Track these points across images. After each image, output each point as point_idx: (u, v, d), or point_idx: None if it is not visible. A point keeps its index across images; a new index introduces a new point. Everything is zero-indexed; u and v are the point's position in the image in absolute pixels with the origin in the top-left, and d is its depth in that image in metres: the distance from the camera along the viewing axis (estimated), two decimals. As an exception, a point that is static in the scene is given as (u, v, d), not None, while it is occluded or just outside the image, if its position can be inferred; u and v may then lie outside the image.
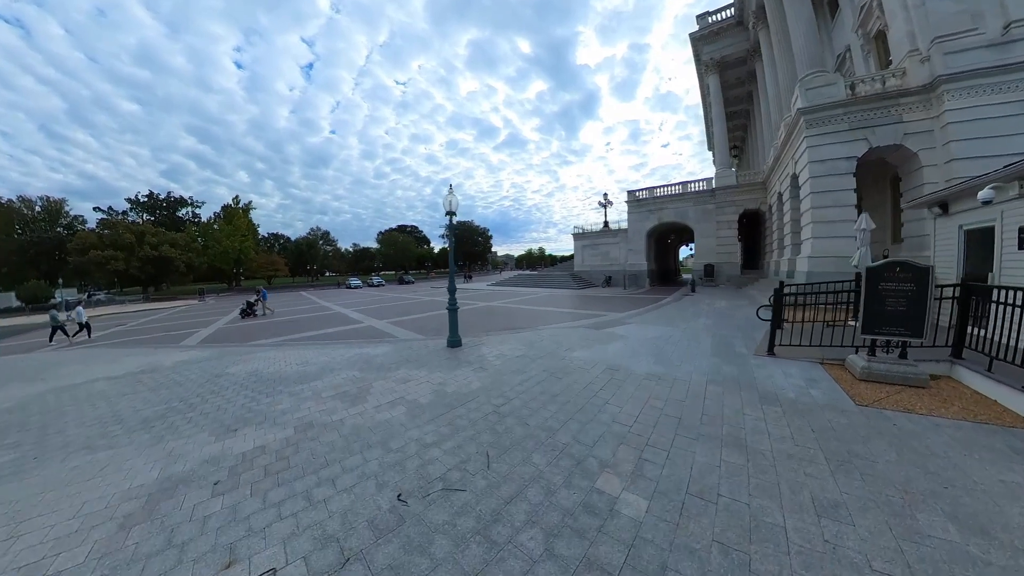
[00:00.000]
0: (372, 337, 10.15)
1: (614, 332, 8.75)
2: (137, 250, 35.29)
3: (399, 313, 15.42)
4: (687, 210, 23.97)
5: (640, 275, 25.41)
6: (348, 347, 8.66)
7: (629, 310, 13.04)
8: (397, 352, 7.73)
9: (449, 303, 7.98)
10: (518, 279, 32.90)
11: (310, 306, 21.76)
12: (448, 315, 7.95)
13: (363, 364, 6.92)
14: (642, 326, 9.52)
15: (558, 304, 16.16)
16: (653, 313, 11.88)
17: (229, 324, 15.52)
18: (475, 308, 16.03)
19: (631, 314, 11.85)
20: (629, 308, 13.68)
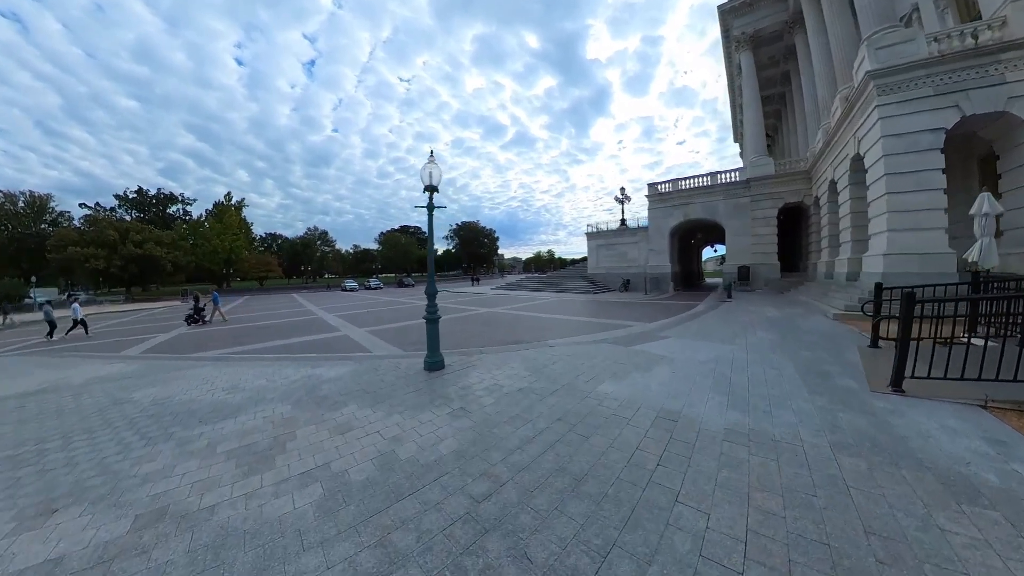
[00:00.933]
0: (340, 351, 8.49)
1: (650, 351, 6.91)
2: (120, 248, 34.57)
3: (385, 320, 13.79)
4: (717, 205, 21.97)
5: (663, 278, 23.42)
6: (299, 366, 6.99)
7: (659, 319, 11.15)
8: (356, 376, 6.01)
9: (428, 311, 6.25)
10: (526, 283, 31.13)
11: (291, 310, 20.29)
12: (426, 328, 6.22)
13: (304, 394, 5.22)
14: (686, 342, 7.65)
15: (571, 311, 14.34)
16: (692, 324, 9.98)
17: (193, 329, 14.05)
18: (474, 315, 14.31)
19: (664, 325, 9.98)
20: (659, 316, 11.79)
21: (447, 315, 14.27)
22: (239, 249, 44.72)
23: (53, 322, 13.51)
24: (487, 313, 14.66)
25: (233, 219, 45.10)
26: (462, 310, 16.19)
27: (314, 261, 70.03)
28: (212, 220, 45.37)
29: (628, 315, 12.43)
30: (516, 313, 14.16)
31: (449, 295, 28.73)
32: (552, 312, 14.07)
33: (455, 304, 19.58)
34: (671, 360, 6.05)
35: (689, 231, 27.43)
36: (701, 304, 14.73)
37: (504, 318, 12.93)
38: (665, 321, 10.67)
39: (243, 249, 45.45)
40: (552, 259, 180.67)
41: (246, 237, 51.05)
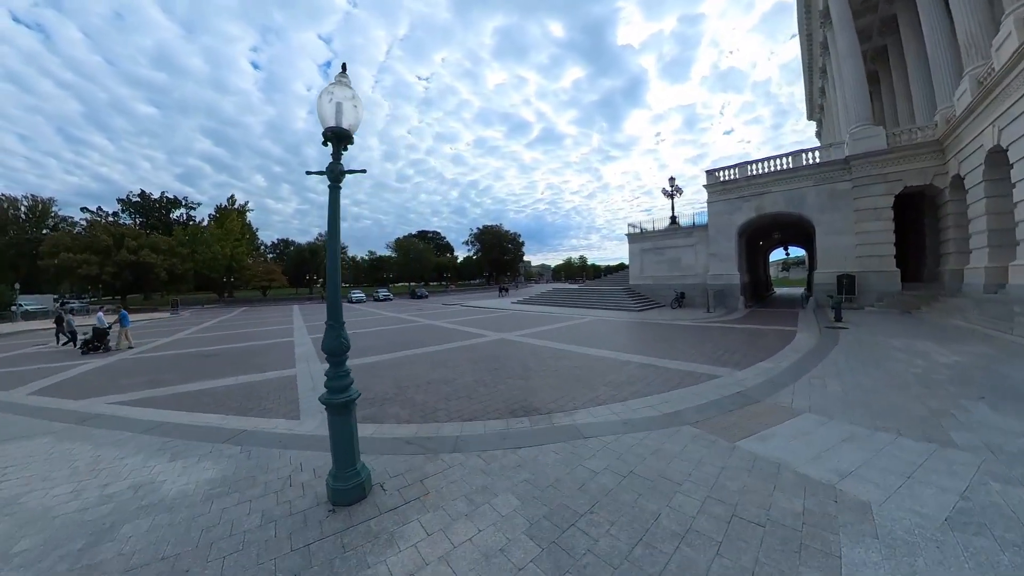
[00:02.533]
0: (256, 413, 5.94)
1: (787, 461, 3.81)
2: (114, 254, 34.94)
3: (366, 348, 11.27)
4: (803, 193, 18.12)
5: (729, 291, 19.68)
6: (147, 457, 4.42)
7: (751, 361, 7.87)
8: (194, 511, 3.30)
9: (329, 381, 3.48)
10: (554, 295, 28.09)
11: (268, 329, 18.36)
12: (329, 425, 3.43)
13: (58, 560, 2.51)
14: (837, 428, 4.45)
15: (614, 340, 11.24)
16: (817, 377, 6.68)
17: (91, 361, 12.09)
18: (477, 346, 11.52)
19: (767, 377, 6.75)
20: (748, 355, 8.46)
21: (440, 344, 11.56)
22: (241, 256, 44.76)
23: (75, 332, 14.33)
24: (496, 343, 11.82)
25: (235, 224, 45.35)
26: (466, 335, 13.46)
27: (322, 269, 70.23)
28: (213, 225, 45.81)
29: (700, 351, 9.15)
30: (536, 344, 11.20)
31: (460, 312, 26.19)
32: (587, 343, 11.00)
33: (459, 325, 16.91)
34: (858, 504, 2.87)
35: (761, 230, 23.48)
36: (801, 332, 11.16)
37: (517, 353, 9.99)
38: (764, 366, 7.38)
39: (245, 256, 45.46)
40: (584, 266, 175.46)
41: (250, 243, 51.44)
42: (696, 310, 19.61)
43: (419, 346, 11.22)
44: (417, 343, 11.78)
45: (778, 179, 18.89)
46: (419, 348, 10.84)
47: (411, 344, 11.67)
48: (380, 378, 7.69)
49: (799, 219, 19.22)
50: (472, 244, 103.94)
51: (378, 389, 6.90)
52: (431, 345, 11.30)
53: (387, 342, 12.31)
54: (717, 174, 21.16)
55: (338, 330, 3.38)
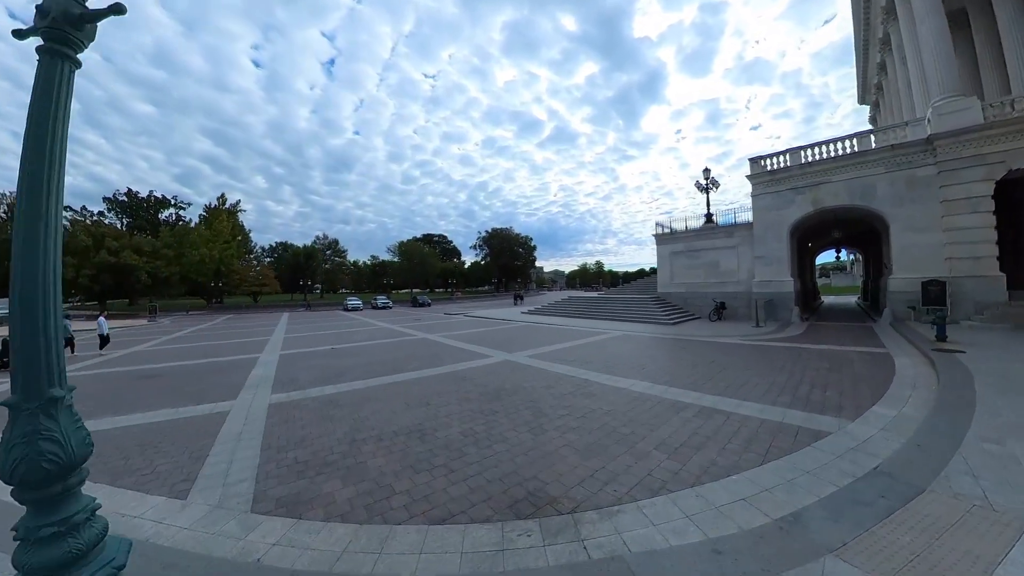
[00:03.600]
0: (120, 485, 4.12)
1: None
2: (92, 255, 34.28)
3: (342, 371, 9.54)
4: (873, 182, 15.89)
5: (781, 301, 17.47)
6: None
7: (865, 403, 5.88)
8: None
9: (15, 482, 1.55)
10: (570, 305, 26.11)
11: (243, 341, 16.81)
12: None
13: None
14: None
15: (654, 367, 9.29)
16: (999, 430, 4.63)
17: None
18: (476, 372, 9.70)
19: (906, 428, 4.81)
20: (857, 395, 6.44)
21: (429, 367, 9.74)
22: (230, 259, 43.94)
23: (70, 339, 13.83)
24: (499, 368, 9.97)
25: (224, 225, 44.64)
26: (463, 355, 11.65)
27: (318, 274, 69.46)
28: (200, 226, 45.15)
29: (773, 383, 7.13)
30: (551, 370, 9.28)
31: (463, 323, 24.42)
32: (617, 369, 9.06)
33: (459, 340, 15.12)
34: None
35: (816, 228, 21.16)
36: (899, 356, 9.02)
37: (525, 384, 8.11)
38: (882, 412, 5.42)
39: (234, 259, 44.63)
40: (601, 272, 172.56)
41: (242, 246, 50.78)
42: (740, 323, 17.43)
43: (402, 370, 9.39)
44: (401, 366, 9.95)
45: (839, 166, 16.68)
46: (401, 373, 9.01)
47: (393, 367, 9.85)
48: (333, 422, 5.88)
49: (866, 214, 16.94)
50: (480, 248, 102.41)
51: (322, 443, 5.08)
52: (417, 369, 9.46)
53: (365, 363, 10.53)
54: (763, 162, 19.04)
55: (42, 420, 1.53)
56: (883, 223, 16.46)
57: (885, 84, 24.71)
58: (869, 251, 27.52)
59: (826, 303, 31.25)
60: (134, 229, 46.40)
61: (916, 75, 17.23)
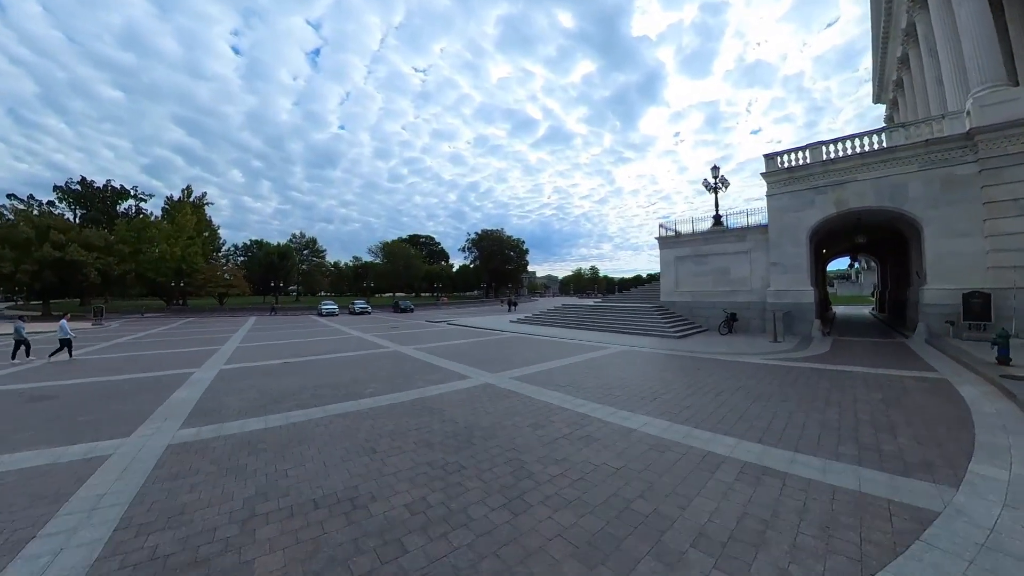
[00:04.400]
0: None
1: None
2: (34, 249, 32.01)
3: (266, 403, 8.04)
4: (904, 181, 14.89)
5: (799, 313, 16.36)
6: None
7: (957, 457, 4.62)
8: None
9: None
10: (564, 313, 24.80)
11: (188, 351, 15.15)
12: None
13: None
14: None
15: (669, 397, 7.99)
16: None
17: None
18: (446, 400, 8.32)
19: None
20: (938, 443, 5.20)
21: (390, 392, 8.31)
22: (193, 257, 41.75)
23: (23, 341, 13.43)
24: (477, 394, 8.60)
25: (188, 219, 42.42)
26: (436, 376, 10.25)
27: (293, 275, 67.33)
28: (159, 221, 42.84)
29: (823, 423, 5.88)
30: (540, 399, 7.93)
31: (445, 333, 23.03)
32: (625, 399, 7.77)
33: (435, 355, 13.75)
34: None
35: (837, 232, 20.19)
36: (961, 385, 7.82)
37: (507, 419, 6.76)
38: (991, 475, 4.16)
39: (198, 257, 42.46)
40: (596, 278, 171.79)
41: (209, 243, 48.62)
42: (754, 337, 16.28)
43: (358, 395, 7.92)
44: (358, 389, 8.47)
45: (865, 163, 15.67)
46: (355, 401, 7.54)
47: (349, 391, 8.38)
48: (239, 479, 4.42)
49: (894, 217, 15.94)
50: (469, 251, 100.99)
51: (207, 519, 3.65)
52: (377, 395, 8.00)
53: (316, 384, 9.03)
54: (780, 159, 18.00)
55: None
56: (914, 227, 15.46)
57: (906, 79, 24.03)
58: (887, 259, 26.77)
59: (841, 312, 30.48)
60: (88, 222, 43.93)
61: (949, 66, 16.35)
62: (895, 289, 23.81)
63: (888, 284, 26.35)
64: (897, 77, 25.60)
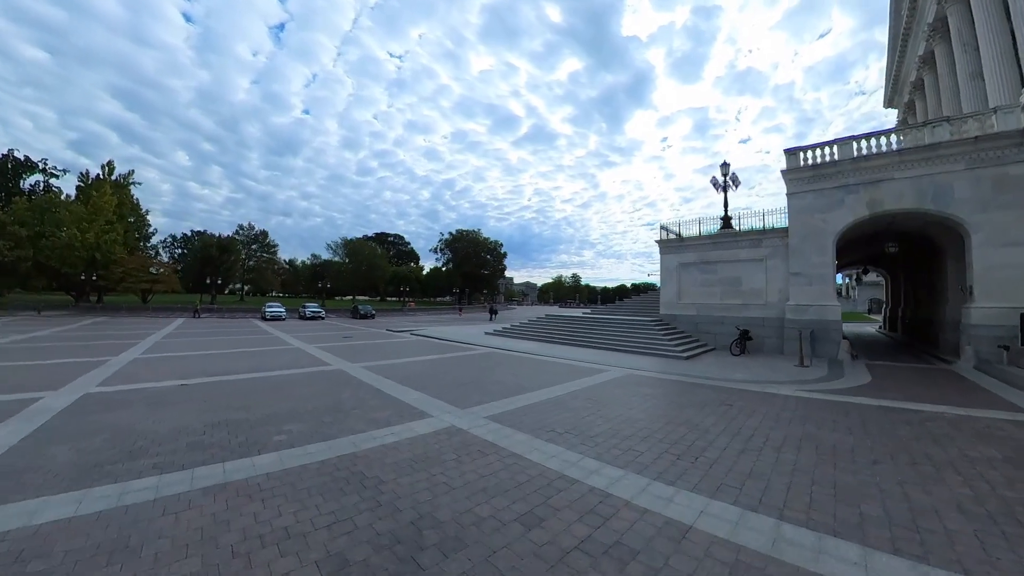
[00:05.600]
0: None
1: None
2: (-102, 233, 27.60)
3: (129, 454, 5.69)
4: (948, 181, 13.84)
5: (824, 331, 15.03)
6: None
7: None
8: None
9: None
10: (548, 325, 22.92)
11: (54, 363, 12.39)
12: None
13: None
14: None
15: (722, 463, 6.11)
16: None
17: None
18: (385, 456, 6.17)
19: None
20: None
21: (309, 443, 6.09)
22: (110, 245, 37.50)
23: None
24: (434, 449, 6.57)
25: (108, 201, 38.13)
26: (381, 416, 8.13)
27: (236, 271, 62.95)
28: (69, 202, 38.34)
29: (934, 504, 4.07)
30: (528, 460, 5.97)
31: (406, 346, 20.89)
32: (648, 457, 5.95)
33: (388, 377, 11.60)
34: None
35: (866, 238, 19.12)
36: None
37: (482, 519, 4.73)
38: None
39: (116, 245, 38.13)
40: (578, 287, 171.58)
41: (135, 230, 44.25)
42: (771, 359, 14.88)
43: (258, 446, 5.69)
44: (260, 437, 6.20)
45: (904, 160, 14.54)
46: (250, 457, 5.32)
47: (247, 438, 6.11)
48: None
49: (936, 221, 14.87)
50: (442, 252, 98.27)
51: None
52: (285, 446, 5.80)
53: (206, 423, 6.72)
54: (803, 155, 16.79)
55: None
56: (955, 234, 14.43)
57: (928, 79, 23.63)
58: (899, 273, 26.27)
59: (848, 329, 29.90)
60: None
61: (992, 59, 15.58)
62: (914, 306, 23.14)
63: (903, 300, 25.77)
64: (916, 77, 25.27)
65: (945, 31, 20.32)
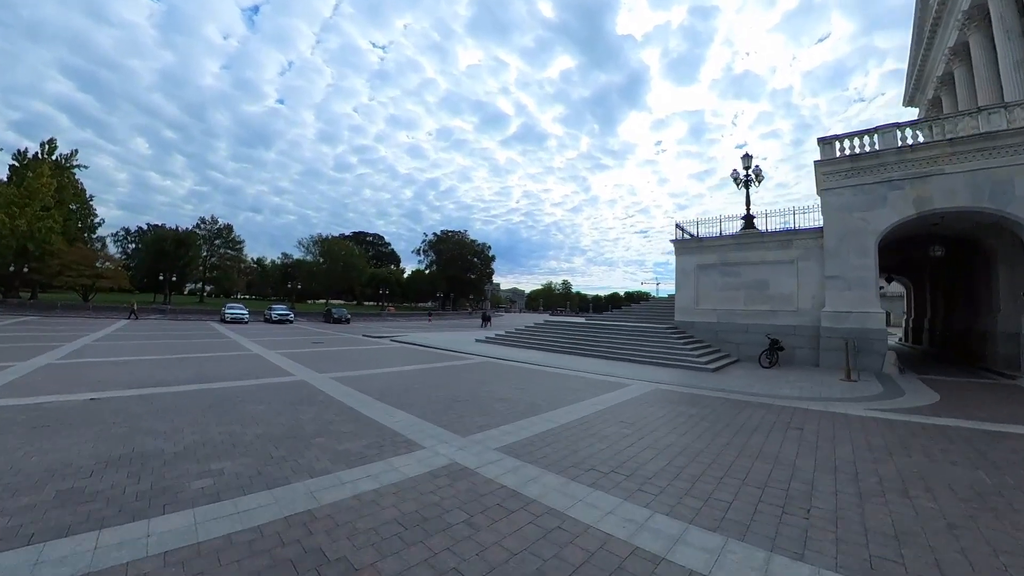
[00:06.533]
0: None
1: None
2: None
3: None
4: (1008, 177, 12.90)
5: (866, 342, 13.87)
6: None
7: None
8: None
9: None
10: (548, 333, 21.48)
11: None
12: None
13: None
14: None
15: (853, 539, 4.56)
16: None
17: None
18: (357, 512, 4.40)
19: None
20: None
21: (205, 509, 4.39)
22: (46, 235, 34.56)
23: None
24: (440, 498, 4.97)
25: (46, 184, 35.21)
26: (354, 443, 6.55)
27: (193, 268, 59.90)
28: (3, 183, 35.39)
29: None
30: (595, 527, 4.39)
31: (386, 355, 19.32)
32: (735, 526, 4.36)
33: (360, 392, 9.99)
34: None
35: (908, 240, 18.12)
36: None
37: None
38: None
39: (53, 234, 35.13)
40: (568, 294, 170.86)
41: (78, 219, 41.33)
42: (808, 371, 13.78)
43: (166, 498, 4.03)
44: (178, 479, 4.52)
45: (957, 152, 13.58)
46: (143, 520, 3.66)
47: (152, 485, 4.42)
48: None
49: (993, 222, 13.93)
50: (425, 254, 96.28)
51: None
52: (205, 500, 4.17)
53: (100, 459, 5.01)
54: (839, 144, 15.79)
55: None
56: (1013, 236, 13.50)
57: (959, 73, 23.12)
58: (924, 281, 25.64)
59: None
60: None
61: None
62: (945, 316, 22.39)
63: (929, 310, 25.08)
64: (944, 71, 24.80)
65: (982, 19, 19.74)
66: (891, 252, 20.73)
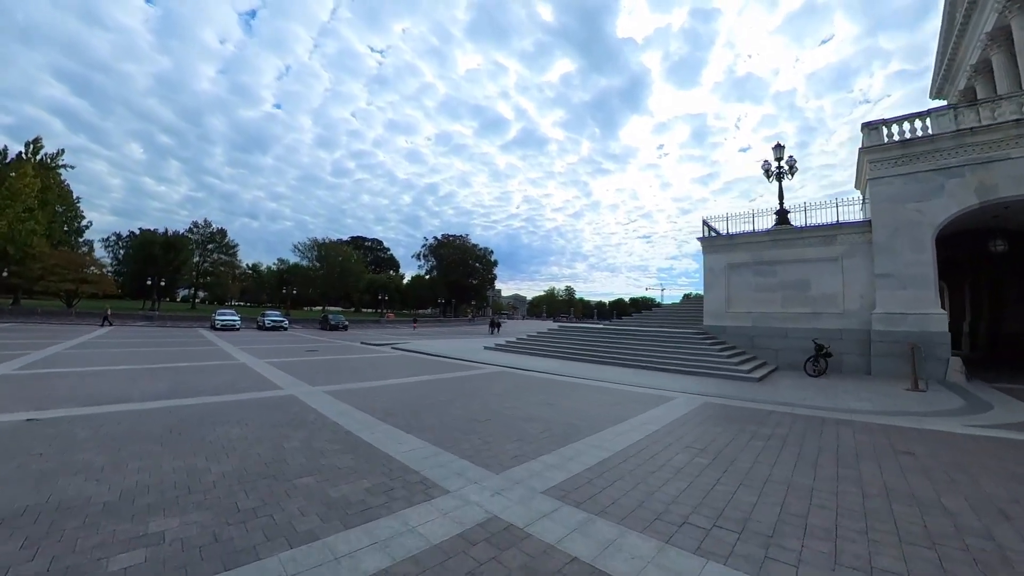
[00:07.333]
0: None
1: None
2: None
3: None
4: (1091, 165, 11.61)
5: (928, 346, 12.52)
6: None
7: None
8: None
9: None
10: (560, 337, 20.18)
11: None
12: None
13: None
14: None
15: None
16: None
17: None
18: None
19: None
20: None
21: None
22: (27, 237, 33.19)
23: None
24: None
25: (29, 185, 33.94)
26: (349, 477, 5.13)
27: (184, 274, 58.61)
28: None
29: None
30: None
31: (387, 363, 18.00)
32: None
33: (358, 411, 8.67)
34: None
35: (969, 234, 16.77)
36: None
37: None
38: None
39: (36, 237, 33.78)
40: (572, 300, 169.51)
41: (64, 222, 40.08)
42: (861, 379, 12.55)
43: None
44: (70, 565, 3.21)
45: (1023, 134, 12.36)
46: None
47: (59, 563, 3.09)
48: None
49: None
50: (426, 259, 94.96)
51: None
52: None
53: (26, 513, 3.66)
54: (886, 129, 14.55)
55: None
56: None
57: (998, 59, 21.97)
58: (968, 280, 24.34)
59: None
60: None
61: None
62: (991, 319, 21.05)
63: (969, 314, 23.74)
64: (979, 59, 23.66)
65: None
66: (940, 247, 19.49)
